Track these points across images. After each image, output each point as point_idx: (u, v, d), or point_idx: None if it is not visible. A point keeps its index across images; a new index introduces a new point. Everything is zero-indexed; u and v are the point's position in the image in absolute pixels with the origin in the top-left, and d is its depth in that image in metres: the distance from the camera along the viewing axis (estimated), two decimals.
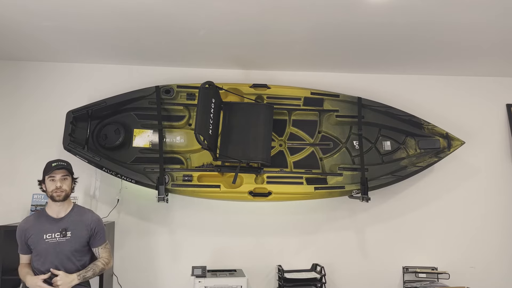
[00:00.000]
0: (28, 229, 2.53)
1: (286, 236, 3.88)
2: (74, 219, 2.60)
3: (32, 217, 2.64)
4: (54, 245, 2.51)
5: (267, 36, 3.27)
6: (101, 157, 3.40)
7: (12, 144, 3.73)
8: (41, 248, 2.51)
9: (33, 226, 2.54)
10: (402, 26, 3.09)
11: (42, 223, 2.55)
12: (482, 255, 3.99)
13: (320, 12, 2.86)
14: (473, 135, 4.11)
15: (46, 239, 2.51)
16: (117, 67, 3.92)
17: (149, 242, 3.75)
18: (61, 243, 2.52)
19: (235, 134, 3.53)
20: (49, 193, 2.55)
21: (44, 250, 2.50)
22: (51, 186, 2.54)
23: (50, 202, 2.59)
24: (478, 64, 3.93)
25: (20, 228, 2.57)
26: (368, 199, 3.51)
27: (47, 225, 2.54)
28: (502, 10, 2.84)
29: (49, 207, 2.60)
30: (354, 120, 3.77)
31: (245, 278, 3.42)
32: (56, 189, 2.54)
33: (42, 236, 2.51)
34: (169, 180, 3.45)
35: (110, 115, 3.60)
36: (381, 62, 3.86)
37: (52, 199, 2.55)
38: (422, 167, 3.65)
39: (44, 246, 2.50)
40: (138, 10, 2.83)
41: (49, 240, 2.51)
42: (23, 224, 2.59)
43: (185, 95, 3.66)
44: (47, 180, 2.56)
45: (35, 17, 2.94)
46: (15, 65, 3.83)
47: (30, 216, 2.66)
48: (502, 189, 4.08)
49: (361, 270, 3.89)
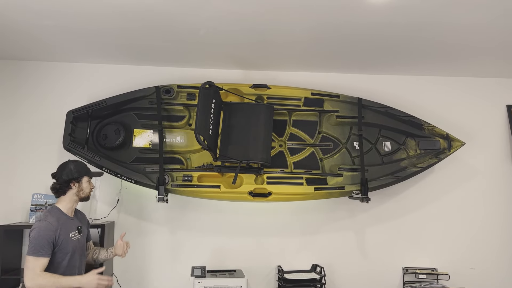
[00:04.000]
0: (57, 229, 2.45)
1: (286, 236, 3.88)
2: (79, 217, 2.72)
3: (51, 217, 2.49)
4: (77, 242, 2.59)
5: (267, 36, 3.27)
6: (101, 157, 3.40)
7: (12, 144, 3.73)
8: (70, 246, 2.52)
9: (60, 226, 2.48)
10: (402, 27, 3.09)
11: (65, 222, 2.54)
12: (482, 256, 3.99)
13: (321, 12, 2.86)
14: (474, 136, 4.11)
15: (72, 237, 2.55)
16: (117, 66, 3.92)
17: (149, 242, 3.75)
18: (79, 240, 2.62)
19: (235, 134, 3.53)
20: (84, 193, 2.61)
21: (72, 248, 2.54)
22: (88, 187, 2.63)
23: (70, 201, 2.58)
24: (479, 65, 3.93)
25: (47, 229, 2.41)
26: (368, 200, 3.51)
27: (69, 223, 2.56)
28: (503, 11, 2.83)
29: (66, 206, 2.57)
30: (354, 121, 3.77)
31: (244, 279, 3.42)
32: (91, 191, 2.66)
33: (69, 235, 2.53)
34: (169, 180, 3.45)
35: (110, 115, 3.60)
36: (381, 62, 3.85)
37: (83, 199, 2.63)
38: (422, 168, 3.65)
39: (72, 244, 2.54)
40: (138, 9, 2.83)
41: (74, 238, 2.57)
42: (49, 225, 2.43)
43: (185, 95, 3.65)
44: (85, 180, 2.61)
45: (35, 16, 2.94)
46: (15, 65, 3.82)
47: (49, 217, 2.49)
48: (502, 190, 4.08)
49: (361, 271, 3.89)
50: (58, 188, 2.56)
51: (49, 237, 2.39)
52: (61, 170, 2.58)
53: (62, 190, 2.56)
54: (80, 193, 2.59)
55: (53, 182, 2.60)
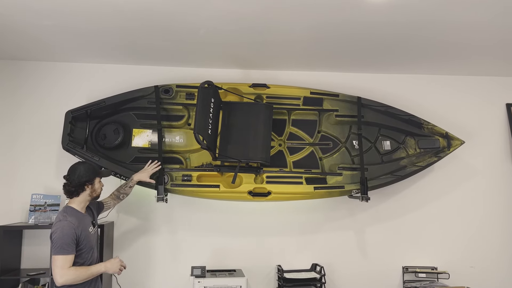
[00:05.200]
0: (78, 227, 2.51)
1: (285, 236, 3.88)
2: (90, 212, 2.77)
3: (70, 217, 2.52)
4: (94, 236, 2.69)
5: (266, 35, 3.26)
6: (100, 157, 3.39)
7: (11, 144, 3.73)
8: (91, 242, 2.61)
9: (78, 223, 2.54)
10: (401, 26, 3.08)
11: (82, 220, 2.59)
12: (482, 254, 3.99)
13: (320, 11, 2.85)
14: (473, 134, 4.11)
15: (91, 232, 2.64)
16: (116, 66, 3.92)
17: (148, 242, 3.75)
18: (95, 233, 2.75)
19: (234, 133, 3.52)
20: (96, 193, 2.71)
21: (93, 242, 2.63)
22: (100, 187, 2.74)
23: (83, 201, 2.65)
24: (478, 64, 3.92)
25: (70, 227, 2.46)
26: (368, 199, 3.50)
27: (85, 220, 2.63)
28: (502, 9, 2.83)
29: (79, 205, 2.64)
30: (353, 120, 3.76)
31: (244, 278, 3.42)
32: (101, 189, 2.76)
33: (88, 230, 2.60)
34: (168, 180, 3.44)
35: (109, 114, 3.59)
36: (380, 61, 3.85)
37: (96, 197, 2.75)
38: (421, 166, 3.65)
39: (91, 239, 2.63)
40: (138, 9, 2.82)
41: (92, 232, 2.66)
42: (70, 224, 2.47)
43: (184, 95, 3.65)
44: (97, 180, 2.71)
45: (34, 16, 2.93)
46: (14, 65, 3.82)
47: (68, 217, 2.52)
48: (502, 188, 4.08)
49: (361, 270, 3.89)
50: (72, 191, 2.61)
51: (72, 234, 2.46)
52: (73, 173, 2.61)
53: (76, 192, 2.62)
54: (93, 193, 2.68)
55: (65, 185, 2.62)
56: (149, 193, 3.62)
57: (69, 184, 2.60)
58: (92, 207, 2.80)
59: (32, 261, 3.57)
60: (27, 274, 3.34)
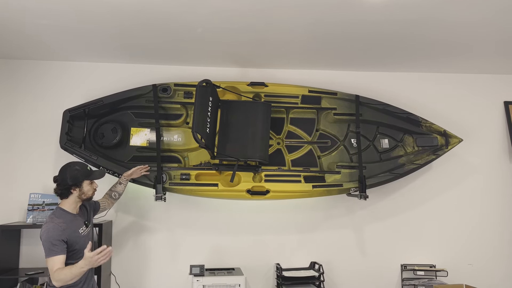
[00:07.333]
0: (65, 229, 2.50)
1: (284, 234, 3.88)
2: (83, 212, 2.75)
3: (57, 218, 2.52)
4: (87, 236, 2.66)
5: (265, 34, 3.26)
6: (98, 156, 3.39)
7: (9, 143, 3.72)
8: (81, 242, 2.57)
9: (67, 225, 2.52)
10: (399, 24, 3.08)
11: (72, 220, 2.58)
12: (480, 252, 4.00)
13: (318, 10, 2.85)
14: (471, 132, 4.11)
15: (82, 233, 2.61)
16: (114, 65, 3.91)
17: (147, 241, 3.75)
18: (88, 233, 2.70)
19: (232, 132, 3.52)
20: (86, 195, 2.64)
21: (83, 243, 2.58)
22: (90, 189, 2.66)
23: (73, 202, 2.61)
24: (476, 62, 3.93)
25: (55, 229, 2.46)
26: (366, 197, 3.51)
27: (76, 221, 2.61)
28: (500, 8, 2.83)
29: (70, 206, 2.61)
30: (352, 118, 3.77)
31: (243, 277, 3.42)
32: (94, 191, 2.69)
33: (78, 231, 2.58)
34: (166, 178, 3.44)
35: (107, 113, 3.59)
36: (378, 59, 3.85)
37: (87, 200, 2.68)
38: (420, 164, 3.65)
39: (82, 239, 2.59)
40: (135, 8, 2.82)
41: (83, 233, 2.63)
42: (57, 226, 2.47)
43: (182, 94, 3.65)
44: (85, 183, 2.63)
45: (31, 15, 2.92)
46: (11, 64, 3.80)
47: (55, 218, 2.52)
48: (500, 186, 4.09)
49: (360, 268, 3.89)
50: (60, 193, 2.60)
51: (58, 236, 2.45)
52: (60, 175, 2.60)
53: (65, 194, 2.60)
54: (82, 195, 2.63)
55: (56, 186, 2.61)
56: (147, 192, 3.62)
57: (56, 186, 2.60)
58: (88, 207, 2.78)
59: (30, 261, 3.56)
60: (25, 273, 3.33)
